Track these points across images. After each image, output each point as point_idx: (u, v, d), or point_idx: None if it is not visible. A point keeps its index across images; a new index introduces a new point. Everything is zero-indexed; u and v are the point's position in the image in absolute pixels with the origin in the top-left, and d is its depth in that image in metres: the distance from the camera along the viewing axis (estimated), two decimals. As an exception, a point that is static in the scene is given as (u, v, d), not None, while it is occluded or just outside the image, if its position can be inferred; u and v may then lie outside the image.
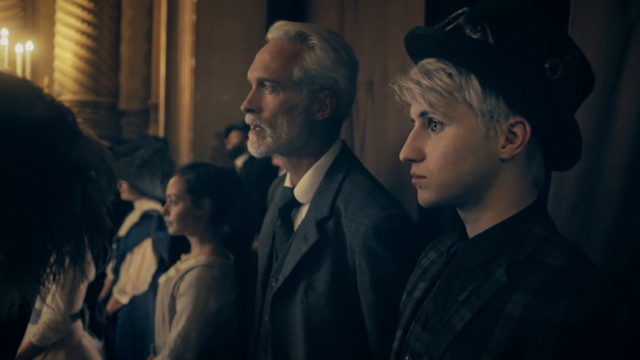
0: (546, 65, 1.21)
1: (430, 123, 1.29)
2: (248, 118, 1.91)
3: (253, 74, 1.90)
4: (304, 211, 1.94)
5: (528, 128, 1.23)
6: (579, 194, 1.85)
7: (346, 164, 1.93)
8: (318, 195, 1.89)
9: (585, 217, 1.83)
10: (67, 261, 1.18)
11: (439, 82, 1.24)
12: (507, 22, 1.24)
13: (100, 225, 1.22)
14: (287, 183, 2.01)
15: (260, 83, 1.88)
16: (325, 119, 1.92)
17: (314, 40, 1.88)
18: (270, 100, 1.86)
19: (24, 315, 1.24)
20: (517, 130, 1.23)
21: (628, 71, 1.75)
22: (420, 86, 1.26)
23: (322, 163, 1.92)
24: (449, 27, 1.25)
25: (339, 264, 1.80)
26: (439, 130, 1.27)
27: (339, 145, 1.97)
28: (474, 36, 1.23)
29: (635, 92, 1.72)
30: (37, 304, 2.95)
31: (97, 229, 1.21)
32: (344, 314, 1.81)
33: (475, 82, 1.22)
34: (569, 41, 1.25)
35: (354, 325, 1.80)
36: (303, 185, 1.93)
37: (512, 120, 1.23)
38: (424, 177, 1.30)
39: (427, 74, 1.25)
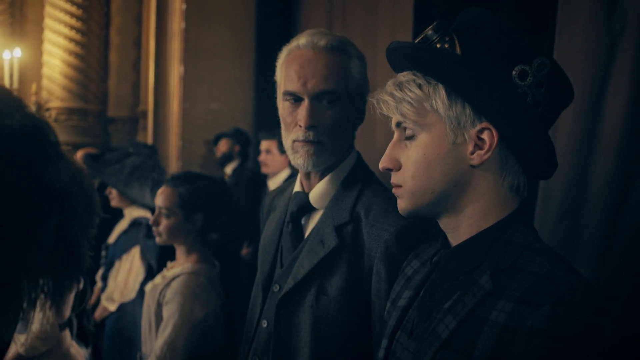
0: (513, 72, 1.24)
1: (405, 133, 1.33)
2: (304, 134, 1.82)
3: (309, 87, 1.81)
4: (316, 217, 1.92)
5: (495, 134, 1.25)
6: (566, 203, 1.86)
7: (364, 173, 1.93)
8: (335, 201, 1.88)
9: (573, 225, 1.85)
10: (41, 299, 1.08)
11: (409, 93, 1.29)
12: (475, 33, 1.28)
13: (78, 260, 1.12)
14: (298, 188, 1.99)
15: (317, 97, 1.81)
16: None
17: (353, 50, 1.88)
18: (330, 114, 1.82)
19: None
20: (485, 136, 1.26)
21: (614, 80, 1.77)
22: (393, 98, 1.31)
23: (341, 169, 1.91)
24: (418, 39, 1.30)
25: (355, 270, 1.79)
26: (412, 140, 1.31)
27: (355, 154, 1.97)
28: (439, 47, 1.27)
29: (621, 100, 1.74)
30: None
31: (75, 264, 1.12)
32: (353, 322, 1.80)
33: (441, 91, 1.26)
34: (538, 50, 1.27)
35: (362, 335, 1.79)
36: (320, 190, 1.91)
37: (479, 127, 1.26)
38: (400, 185, 1.34)
39: (400, 86, 1.31)
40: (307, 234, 1.93)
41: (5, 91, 1.13)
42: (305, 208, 1.94)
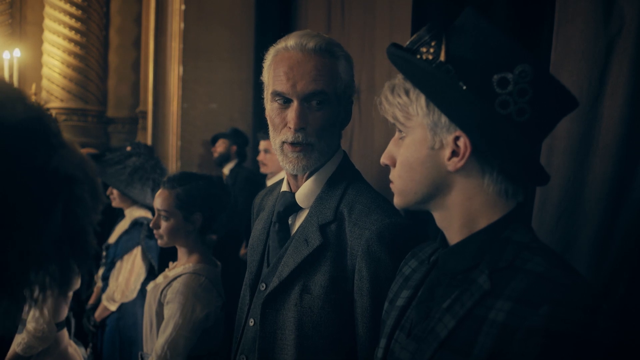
0: (493, 80, 1.23)
1: (400, 133, 1.36)
2: (293, 135, 1.84)
3: (298, 89, 1.82)
4: (302, 216, 1.93)
5: (467, 142, 1.26)
6: (563, 203, 1.87)
7: (349, 172, 1.95)
8: (320, 200, 1.89)
9: (570, 225, 1.85)
10: (48, 285, 1.09)
11: (398, 98, 1.33)
12: (461, 39, 1.27)
13: (84, 247, 1.13)
14: (285, 188, 2.00)
15: (307, 98, 1.83)
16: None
17: (340, 52, 1.89)
18: (319, 115, 1.84)
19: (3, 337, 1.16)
20: (461, 143, 1.27)
21: (611, 81, 1.77)
22: (387, 101, 1.35)
23: (327, 169, 1.92)
24: (409, 41, 1.31)
25: (338, 268, 1.80)
26: (403, 140, 1.35)
27: (341, 153, 1.98)
28: (424, 52, 1.28)
29: (619, 101, 1.75)
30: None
31: (80, 250, 1.12)
32: (337, 320, 1.81)
33: (421, 98, 1.29)
34: (522, 56, 1.23)
35: (346, 333, 1.80)
36: (305, 190, 1.93)
37: (454, 134, 1.27)
38: (392, 182, 1.39)
39: (392, 89, 1.35)
40: (293, 232, 1.95)
41: (6, 83, 1.14)
42: (291, 208, 1.96)
